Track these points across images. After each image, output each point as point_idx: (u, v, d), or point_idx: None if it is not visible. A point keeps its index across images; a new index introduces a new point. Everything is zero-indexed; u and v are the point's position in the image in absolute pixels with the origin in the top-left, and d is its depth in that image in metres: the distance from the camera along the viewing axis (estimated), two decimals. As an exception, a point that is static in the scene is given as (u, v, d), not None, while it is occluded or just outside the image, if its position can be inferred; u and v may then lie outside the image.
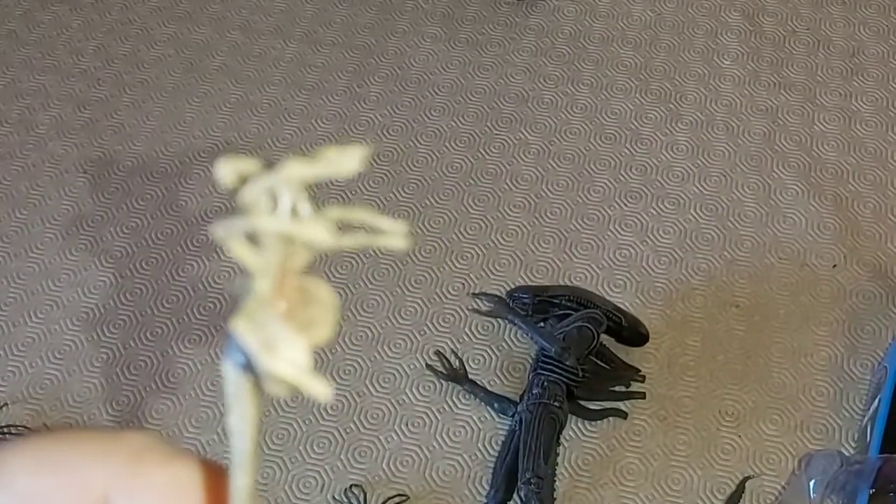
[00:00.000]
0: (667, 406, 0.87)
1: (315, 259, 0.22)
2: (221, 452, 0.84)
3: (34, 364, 0.90)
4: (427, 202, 1.02)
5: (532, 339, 0.88)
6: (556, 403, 0.81)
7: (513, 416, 0.84)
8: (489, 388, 0.87)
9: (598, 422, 0.86)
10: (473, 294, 0.94)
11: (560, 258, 0.97)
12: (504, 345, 0.91)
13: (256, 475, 0.24)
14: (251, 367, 0.21)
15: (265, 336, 0.21)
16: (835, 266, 0.96)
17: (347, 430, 0.86)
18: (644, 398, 0.87)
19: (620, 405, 0.86)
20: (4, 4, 1.22)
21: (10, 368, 0.90)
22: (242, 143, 1.06)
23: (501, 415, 0.86)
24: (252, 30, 1.20)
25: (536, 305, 0.90)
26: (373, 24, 1.20)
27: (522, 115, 1.10)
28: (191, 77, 1.15)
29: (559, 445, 0.82)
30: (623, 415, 0.86)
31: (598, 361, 0.87)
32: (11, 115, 1.11)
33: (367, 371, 0.89)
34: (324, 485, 0.83)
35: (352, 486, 0.82)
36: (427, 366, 0.89)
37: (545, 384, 0.82)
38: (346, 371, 0.89)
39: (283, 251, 0.22)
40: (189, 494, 0.23)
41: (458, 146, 1.07)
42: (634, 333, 0.89)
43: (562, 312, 0.88)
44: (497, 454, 0.83)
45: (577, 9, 1.22)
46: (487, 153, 1.06)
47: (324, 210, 0.23)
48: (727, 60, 1.16)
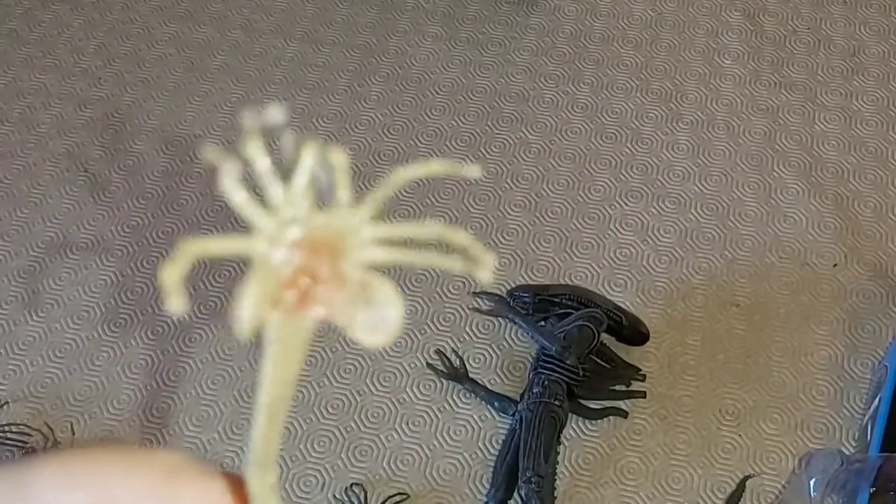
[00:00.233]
0: (667, 405, 0.87)
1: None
2: (222, 451, 0.85)
3: (35, 363, 0.90)
4: (427, 201, 1.02)
5: (532, 338, 0.88)
6: (557, 402, 0.81)
7: (513, 415, 0.84)
8: (490, 387, 0.87)
9: (599, 421, 0.86)
10: (474, 293, 0.94)
11: (560, 257, 0.97)
12: (504, 344, 0.91)
13: (279, 437, 0.24)
14: None
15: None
16: (835, 265, 0.96)
17: (348, 429, 0.86)
18: (644, 397, 0.87)
19: (621, 404, 0.86)
20: (5, 3, 1.22)
21: (11, 367, 0.90)
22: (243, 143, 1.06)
23: (502, 413, 0.86)
24: (253, 29, 1.20)
25: (537, 304, 0.90)
26: (373, 24, 1.20)
27: (523, 115, 1.10)
28: (192, 76, 1.15)
29: (560, 444, 0.82)
30: (623, 414, 0.86)
31: (599, 360, 0.87)
32: (12, 114, 1.11)
33: (368, 370, 0.89)
34: (324, 483, 0.83)
35: (352, 485, 0.82)
36: (427, 365, 0.89)
37: (546, 383, 0.82)
38: (347, 370, 0.89)
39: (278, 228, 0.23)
40: None
41: (459, 145, 1.07)
42: (635, 332, 0.89)
43: (562, 311, 0.88)
44: (497, 453, 0.83)
45: (578, 8, 1.22)
46: (488, 152, 1.07)
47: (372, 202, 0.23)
48: (728, 60, 1.16)
